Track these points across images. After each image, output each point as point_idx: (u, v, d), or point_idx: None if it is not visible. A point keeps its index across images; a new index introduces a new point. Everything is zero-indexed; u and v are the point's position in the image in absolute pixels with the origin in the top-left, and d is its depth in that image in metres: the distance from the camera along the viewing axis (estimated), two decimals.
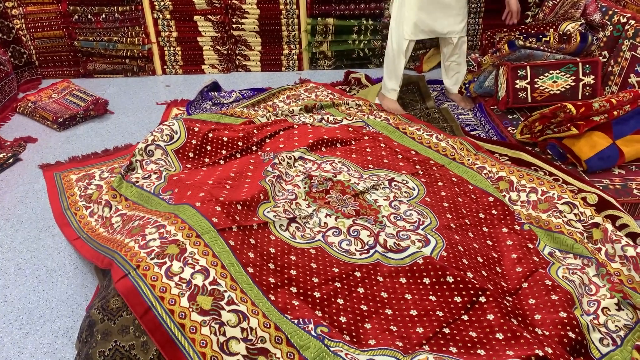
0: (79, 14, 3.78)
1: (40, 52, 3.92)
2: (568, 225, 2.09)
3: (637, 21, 2.86)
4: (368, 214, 2.12)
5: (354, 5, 3.82)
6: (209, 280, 1.63)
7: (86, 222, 2.21)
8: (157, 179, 2.26)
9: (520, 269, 1.88)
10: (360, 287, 1.79)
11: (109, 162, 2.65)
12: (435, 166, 2.45)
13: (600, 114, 2.49)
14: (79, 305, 1.95)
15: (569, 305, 1.70)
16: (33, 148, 3.01)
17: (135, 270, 1.63)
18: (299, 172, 2.35)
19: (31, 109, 3.34)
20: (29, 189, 2.63)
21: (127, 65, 3.97)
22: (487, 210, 2.19)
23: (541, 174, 2.34)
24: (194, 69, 4.05)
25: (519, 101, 2.83)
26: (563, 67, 2.74)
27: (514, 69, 2.79)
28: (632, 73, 2.76)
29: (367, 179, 2.32)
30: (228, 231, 1.83)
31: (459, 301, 1.72)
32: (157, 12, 3.84)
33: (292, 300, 1.70)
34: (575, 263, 1.95)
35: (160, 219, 1.87)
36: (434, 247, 1.92)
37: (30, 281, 2.07)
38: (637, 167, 2.49)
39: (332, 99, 3.18)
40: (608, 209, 2.10)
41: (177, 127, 2.48)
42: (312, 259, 1.87)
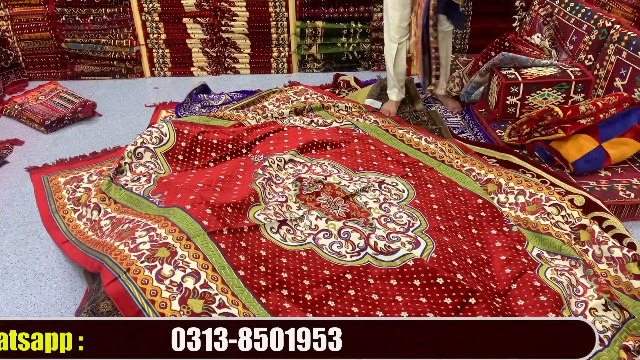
0: (67, 15, 3.76)
1: (27, 54, 3.88)
2: (556, 226, 2.11)
3: (622, 25, 2.90)
4: (358, 216, 2.13)
5: (343, 9, 3.83)
6: (200, 283, 1.63)
7: (74, 225, 2.19)
8: (146, 181, 2.25)
9: (509, 271, 1.90)
10: (351, 290, 1.80)
11: (97, 165, 2.63)
12: (424, 168, 2.47)
13: (587, 117, 2.52)
14: (68, 310, 1.94)
15: (557, 306, 1.72)
16: (20, 151, 2.98)
17: (125, 273, 1.63)
18: (290, 175, 2.35)
19: (18, 111, 3.31)
20: (16, 191, 2.60)
21: (115, 67, 3.95)
22: (476, 212, 2.20)
23: (529, 176, 2.37)
24: (182, 71, 4.03)
25: (507, 116, 2.89)
26: (556, 85, 2.79)
27: (507, 86, 2.82)
28: (618, 76, 2.80)
29: (357, 181, 2.33)
30: (219, 234, 1.82)
31: (449, 303, 1.73)
32: (146, 14, 3.82)
33: (283, 303, 1.70)
34: (563, 264, 1.97)
35: (150, 222, 1.87)
36: (424, 249, 1.94)
37: (18, 285, 2.05)
38: (622, 170, 2.52)
39: (322, 102, 3.19)
40: (595, 211, 2.13)
41: (167, 129, 2.47)
42: (303, 262, 1.87)
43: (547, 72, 2.86)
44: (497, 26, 3.90)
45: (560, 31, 3.35)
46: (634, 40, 2.73)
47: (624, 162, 2.56)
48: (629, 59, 2.74)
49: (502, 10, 3.94)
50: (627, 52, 2.75)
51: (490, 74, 3.04)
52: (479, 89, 3.21)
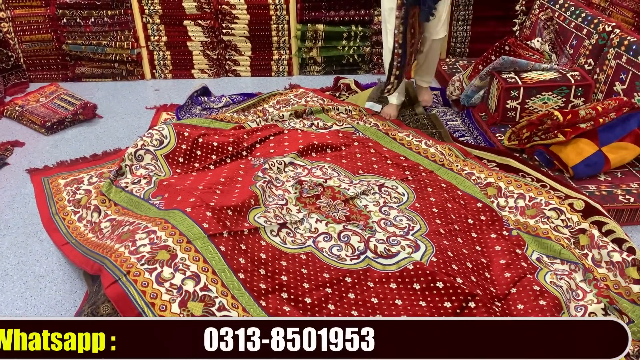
0: (68, 17, 3.76)
1: (28, 56, 3.89)
2: (555, 231, 2.11)
3: (622, 30, 2.91)
4: (358, 219, 2.13)
5: (344, 12, 3.84)
6: (200, 286, 1.63)
7: (75, 227, 2.20)
8: (146, 184, 2.25)
9: (508, 275, 1.90)
10: (351, 293, 1.80)
11: (97, 167, 2.63)
12: (424, 172, 2.47)
13: (587, 121, 2.53)
14: (68, 312, 1.94)
15: (556, 311, 1.72)
16: (21, 152, 2.99)
17: (125, 276, 1.63)
18: (290, 178, 2.36)
19: (19, 113, 3.31)
20: (17, 193, 2.60)
21: (116, 69, 3.95)
22: (475, 216, 2.21)
23: (529, 180, 2.37)
24: (183, 73, 4.04)
25: (507, 119, 2.90)
26: (556, 89, 2.79)
27: (507, 90, 2.82)
28: (617, 81, 2.81)
29: (357, 184, 2.33)
30: (219, 237, 1.82)
31: (449, 307, 1.73)
32: (147, 17, 3.83)
33: (283, 306, 1.70)
34: (562, 268, 1.97)
35: (151, 224, 1.87)
36: (424, 252, 1.94)
37: (18, 287, 2.05)
38: (622, 174, 2.52)
39: (322, 105, 3.19)
40: (594, 215, 2.13)
41: (167, 131, 2.48)
42: (302, 265, 1.87)
43: (547, 76, 2.87)
44: (498, 30, 3.91)
45: (560, 35, 3.36)
46: (633, 45, 2.74)
47: (623, 167, 2.57)
48: (628, 64, 2.75)
49: (503, 14, 3.95)
50: (627, 57, 2.76)
51: (490, 78, 3.04)
52: (479, 93, 3.22)
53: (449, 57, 4.09)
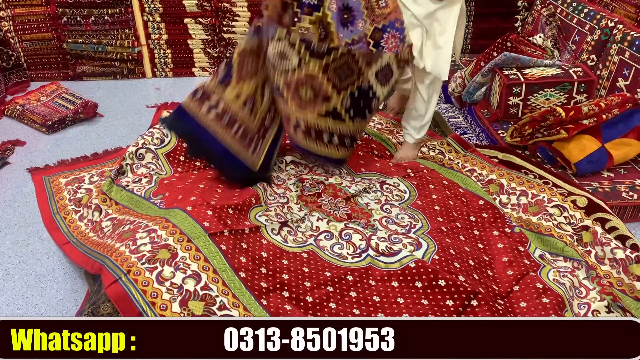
0: (68, 16, 3.76)
1: (29, 55, 3.88)
2: (558, 228, 2.10)
3: (625, 26, 2.89)
4: (360, 217, 2.12)
5: None
6: (201, 285, 1.63)
7: (76, 227, 2.19)
8: (147, 182, 2.25)
9: (511, 272, 1.89)
10: (352, 291, 1.79)
11: (98, 166, 2.63)
12: (425, 169, 2.46)
13: (590, 118, 2.51)
14: (69, 311, 1.93)
15: (559, 308, 1.71)
16: (21, 151, 2.98)
17: (126, 275, 1.62)
18: (291, 176, 2.35)
19: (19, 112, 3.31)
20: (18, 192, 2.60)
21: (116, 67, 3.94)
22: (477, 214, 2.20)
23: (531, 177, 2.36)
24: (184, 71, 4.03)
25: (509, 116, 2.88)
26: (558, 86, 2.78)
27: (509, 87, 2.81)
28: (620, 77, 2.79)
29: (359, 182, 2.32)
30: (220, 235, 1.82)
31: (451, 305, 1.72)
32: (147, 15, 3.82)
33: (284, 305, 1.69)
34: (565, 266, 1.96)
35: (151, 223, 1.86)
36: (426, 250, 1.93)
37: (19, 286, 2.05)
38: (625, 170, 2.51)
39: None
40: (597, 212, 2.12)
41: (168, 130, 2.47)
42: (304, 263, 1.87)
43: (550, 72, 2.85)
44: (499, 26, 3.89)
45: (562, 31, 3.34)
46: (637, 41, 2.72)
47: (626, 163, 2.55)
48: (632, 59, 2.73)
49: (505, 11, 3.93)
50: (630, 52, 2.74)
51: (492, 75, 3.03)
52: (481, 90, 3.20)
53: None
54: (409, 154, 2.57)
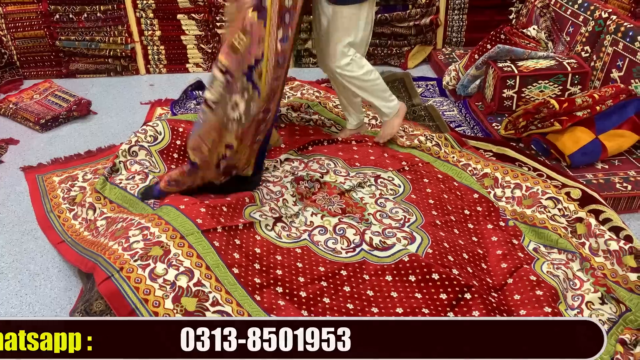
0: (60, 13, 3.73)
1: (22, 53, 3.86)
2: (552, 220, 2.10)
3: (618, 16, 2.88)
4: (354, 212, 2.12)
5: None
6: (194, 281, 1.62)
7: (70, 225, 2.19)
8: (141, 180, 2.24)
9: (505, 265, 1.89)
10: (346, 286, 1.79)
11: (92, 164, 2.62)
12: (420, 163, 2.46)
13: (583, 109, 2.51)
14: (63, 309, 1.93)
15: (553, 300, 1.71)
16: (15, 150, 2.97)
17: (118, 272, 1.62)
18: (287, 172, 2.35)
19: (12, 110, 3.29)
20: (11, 191, 2.59)
21: (110, 64, 3.92)
22: (472, 207, 2.19)
23: (525, 169, 2.36)
24: (178, 67, 4.02)
25: (503, 109, 2.88)
26: (552, 78, 2.78)
27: (503, 79, 2.80)
28: (614, 68, 2.79)
29: (354, 177, 2.32)
30: (212, 232, 1.81)
31: (445, 298, 1.72)
32: (140, 11, 3.80)
33: (277, 300, 1.69)
34: (559, 258, 1.96)
35: (144, 220, 1.86)
36: (420, 244, 1.93)
37: (13, 285, 2.04)
38: (619, 162, 2.51)
39: (319, 97, 3.17)
40: (591, 204, 2.11)
41: (161, 127, 2.46)
42: (298, 259, 1.86)
43: (544, 64, 2.85)
44: (493, 19, 3.88)
45: (556, 23, 3.34)
46: (630, 32, 2.72)
47: (620, 154, 2.55)
48: (625, 50, 2.72)
49: (499, 3, 3.92)
50: (624, 43, 2.74)
51: (486, 67, 3.02)
52: (475, 82, 3.20)
53: (445, 46, 4.06)
54: (394, 127, 2.55)
